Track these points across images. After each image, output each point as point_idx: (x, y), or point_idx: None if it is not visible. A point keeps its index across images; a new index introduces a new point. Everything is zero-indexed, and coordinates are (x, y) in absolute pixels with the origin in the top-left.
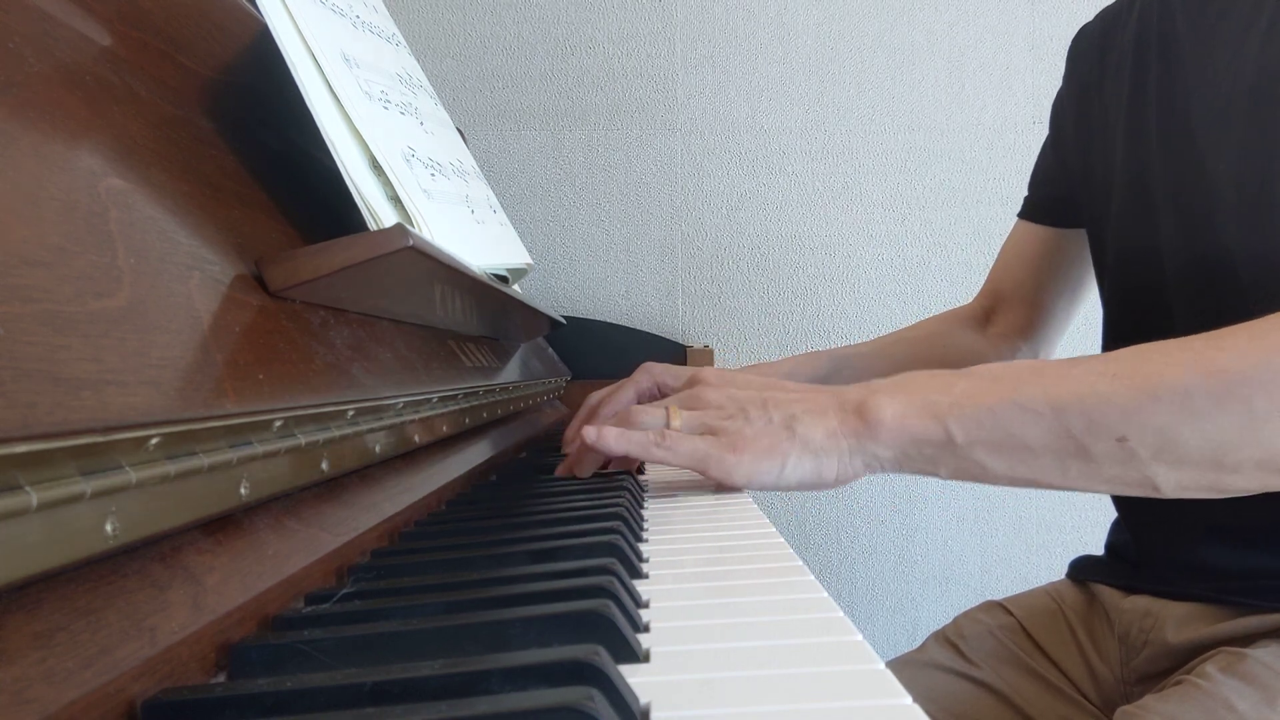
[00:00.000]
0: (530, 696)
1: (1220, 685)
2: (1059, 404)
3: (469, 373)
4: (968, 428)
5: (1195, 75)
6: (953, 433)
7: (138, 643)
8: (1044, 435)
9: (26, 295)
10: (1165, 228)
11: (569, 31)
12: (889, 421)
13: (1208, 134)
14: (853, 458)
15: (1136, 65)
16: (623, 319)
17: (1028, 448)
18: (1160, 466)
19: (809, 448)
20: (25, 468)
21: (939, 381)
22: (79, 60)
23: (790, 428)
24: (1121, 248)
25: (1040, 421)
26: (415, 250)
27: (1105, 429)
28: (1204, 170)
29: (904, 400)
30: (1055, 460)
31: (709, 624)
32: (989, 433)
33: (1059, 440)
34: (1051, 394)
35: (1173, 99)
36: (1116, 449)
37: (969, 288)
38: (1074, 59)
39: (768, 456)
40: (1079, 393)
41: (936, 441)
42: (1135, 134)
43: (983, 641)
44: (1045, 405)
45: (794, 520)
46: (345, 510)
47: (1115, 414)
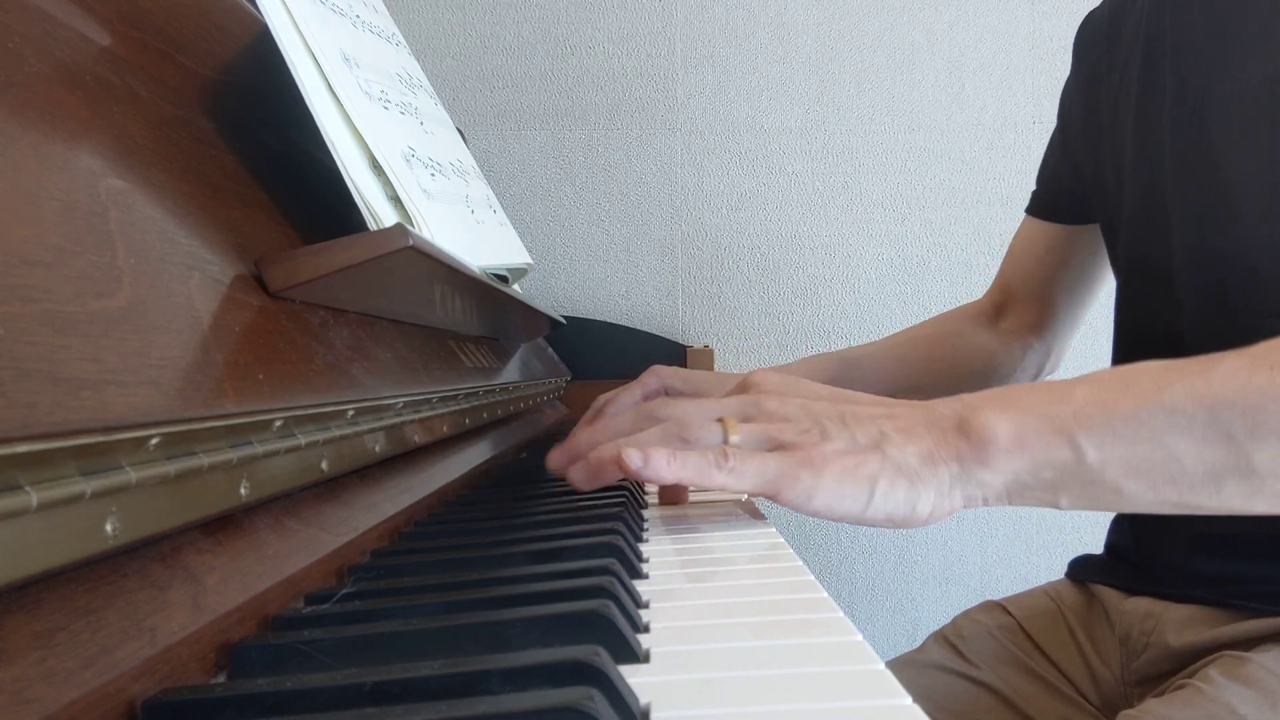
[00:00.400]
0: (530, 697)
1: (1223, 689)
2: (1215, 403)
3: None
4: (1102, 442)
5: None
6: (1084, 450)
7: (138, 643)
8: (1198, 444)
9: (26, 295)
10: (1177, 225)
11: (569, 31)
12: (1003, 441)
13: (1225, 130)
14: (953, 488)
15: (1147, 59)
16: (623, 319)
17: (1177, 462)
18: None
19: (903, 473)
20: (25, 468)
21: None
22: (79, 60)
23: (880, 448)
24: (1132, 246)
25: (1192, 427)
26: (415, 250)
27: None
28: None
29: (1018, 415)
30: (1209, 476)
31: (709, 624)
32: (1129, 447)
33: (1217, 449)
34: (1203, 394)
35: (1186, 95)
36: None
37: (969, 287)
38: (1080, 49)
39: (853, 481)
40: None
41: (1062, 463)
42: (1146, 130)
43: (982, 642)
44: (1198, 406)
45: (794, 520)
46: (345, 510)
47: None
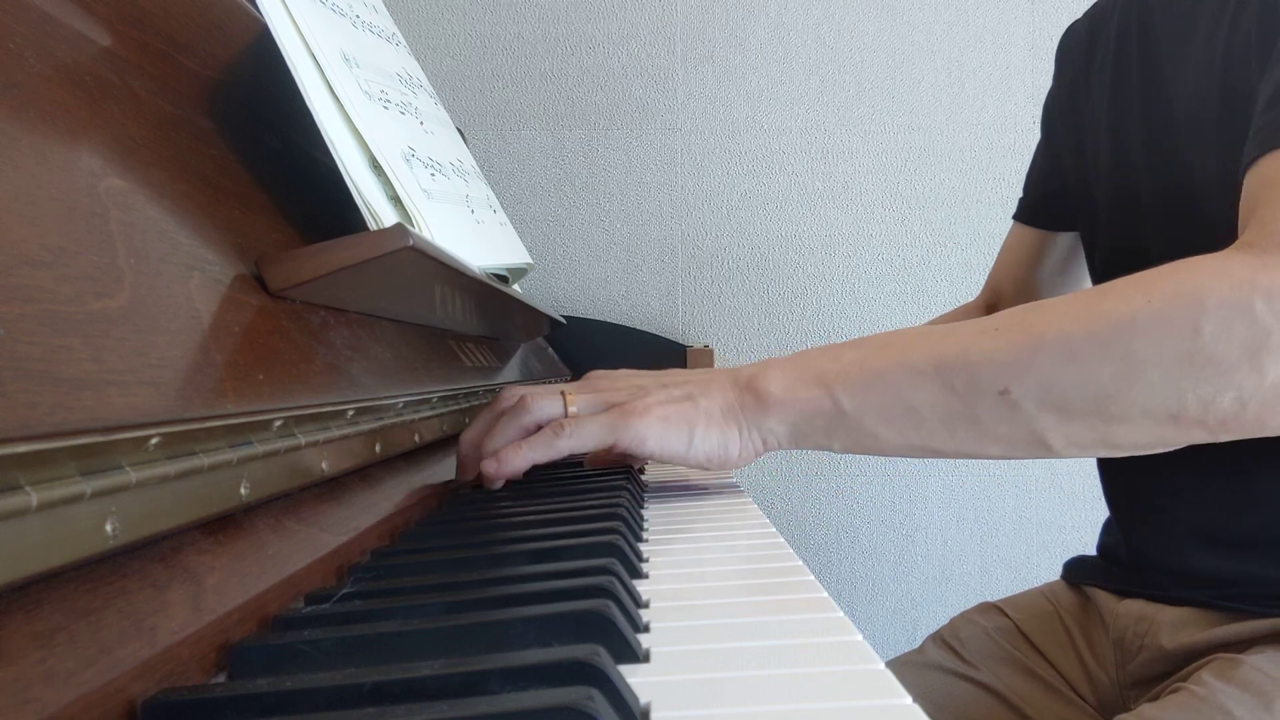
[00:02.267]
0: (530, 696)
1: (1217, 692)
2: (941, 362)
3: (469, 373)
4: (855, 394)
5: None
6: (841, 401)
7: (137, 643)
8: (929, 396)
9: (27, 295)
10: (1150, 225)
11: (569, 31)
12: (778, 394)
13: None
14: (750, 433)
15: (1118, 64)
16: (623, 319)
17: (915, 411)
18: (1047, 419)
19: (713, 420)
20: (25, 468)
21: (829, 352)
22: (79, 60)
23: (692, 399)
24: (1109, 249)
25: (924, 382)
26: (415, 250)
27: (987, 382)
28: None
29: (793, 372)
30: (943, 423)
31: (709, 624)
32: (877, 398)
33: (944, 400)
34: (935, 353)
35: (1154, 99)
36: (1000, 403)
37: (969, 287)
38: (1062, 58)
39: (675, 425)
40: (961, 348)
41: (826, 412)
42: (1119, 135)
43: (979, 643)
44: (928, 365)
45: (794, 520)
46: (345, 510)
47: (996, 367)
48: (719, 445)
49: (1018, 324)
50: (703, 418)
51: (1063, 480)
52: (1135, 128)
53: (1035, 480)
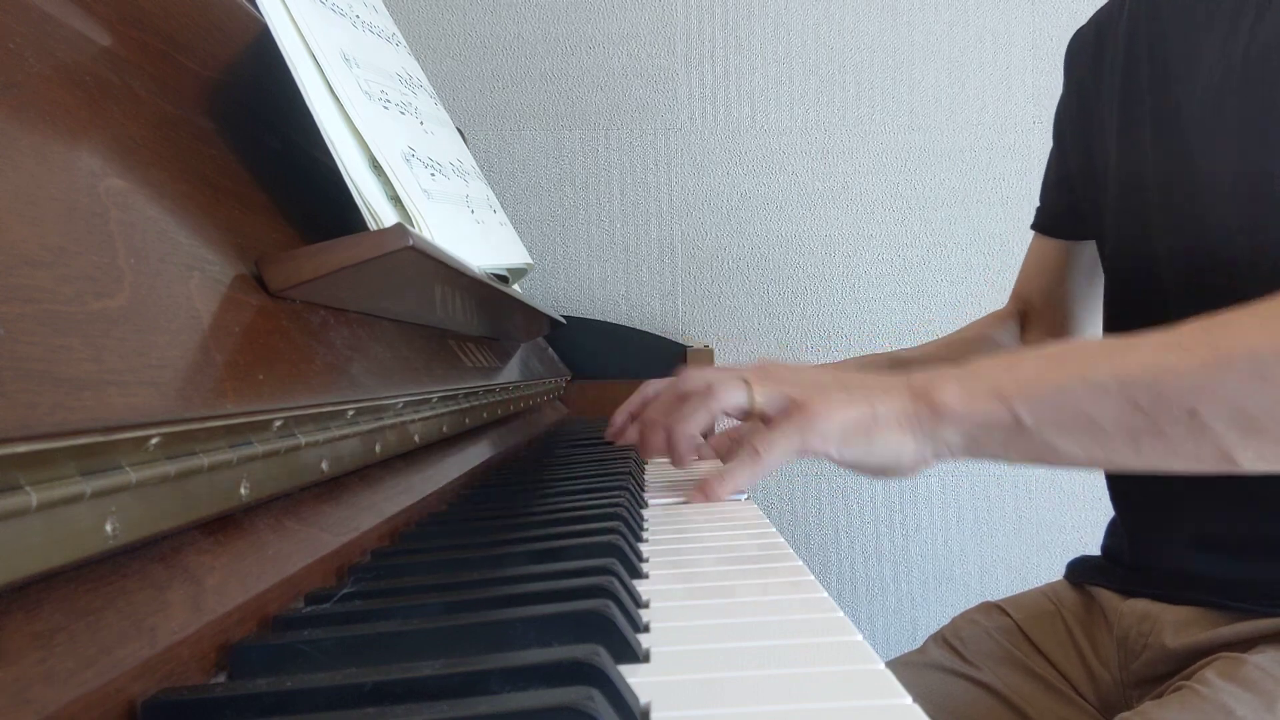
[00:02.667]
0: (530, 696)
1: (1219, 691)
2: (1126, 379)
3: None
4: (1035, 409)
5: (1184, 69)
6: (1020, 415)
7: (137, 643)
8: (1113, 413)
9: (27, 295)
10: (1158, 223)
11: (569, 31)
12: (955, 406)
13: (1198, 128)
14: (924, 442)
15: (1128, 64)
16: (623, 319)
17: (1098, 427)
18: (1235, 437)
19: (893, 426)
20: (25, 468)
21: (1004, 363)
22: (79, 60)
23: (871, 403)
24: (1117, 245)
25: (1108, 398)
26: (415, 250)
27: (1174, 402)
28: (1195, 164)
29: (970, 384)
30: (1128, 439)
31: (709, 624)
32: (1056, 413)
33: (1129, 417)
34: (1118, 369)
35: (1163, 95)
36: (1188, 423)
37: (969, 288)
38: (1070, 65)
39: (857, 428)
40: (1146, 366)
41: (1004, 425)
42: (1128, 132)
43: (981, 643)
44: (1112, 381)
45: (794, 520)
46: (345, 510)
47: (1184, 386)
48: (894, 453)
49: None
50: (882, 423)
51: (1063, 480)
52: (1145, 132)
53: (1036, 480)
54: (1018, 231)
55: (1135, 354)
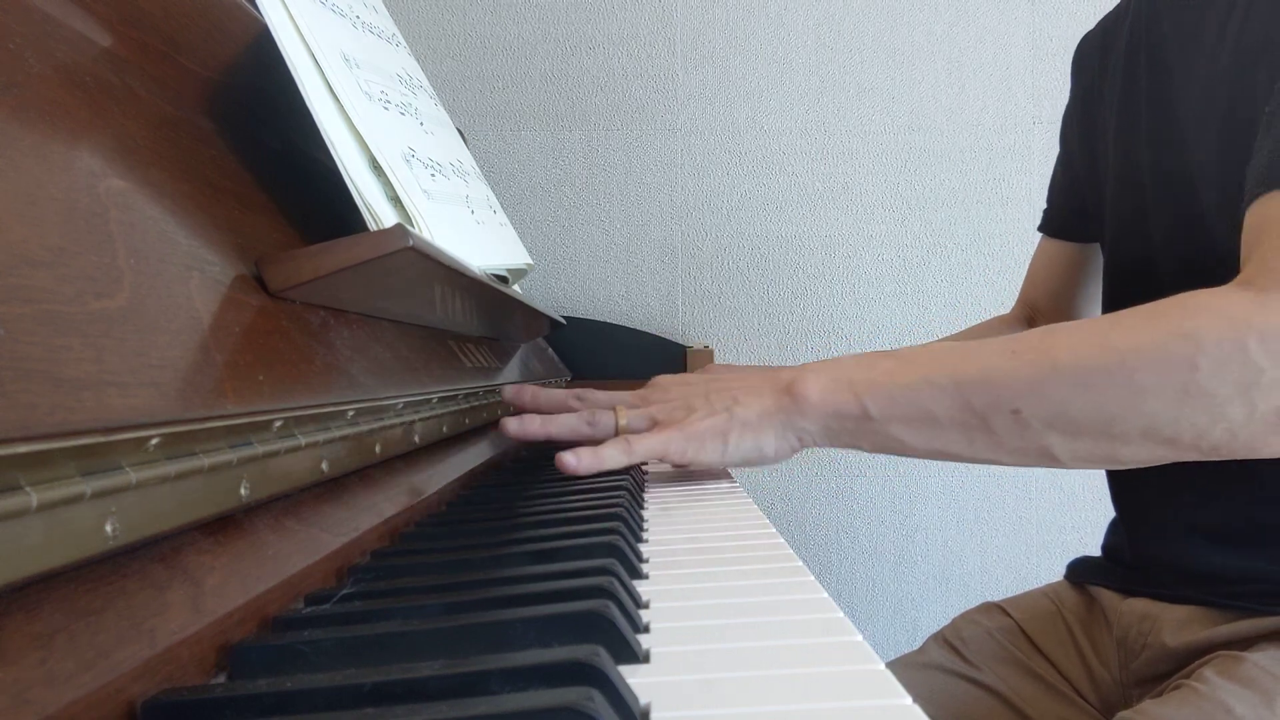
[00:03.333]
0: (530, 697)
1: (1218, 689)
2: (962, 380)
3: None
4: (881, 404)
5: (1179, 68)
6: (868, 408)
7: (137, 644)
8: (949, 409)
9: (27, 295)
10: (1157, 225)
11: (569, 32)
12: (813, 398)
13: (1192, 125)
14: (786, 432)
15: (1128, 67)
16: (623, 319)
17: (936, 421)
18: (1054, 436)
19: (748, 427)
20: (25, 468)
21: (864, 361)
22: (79, 60)
23: (729, 410)
24: (1115, 239)
25: (945, 396)
26: (415, 250)
27: (1002, 402)
28: (1190, 165)
29: (829, 378)
30: (961, 433)
31: (709, 624)
32: (901, 408)
33: (963, 414)
34: (957, 371)
35: (1160, 94)
36: (1012, 421)
37: (969, 288)
38: (1076, 70)
39: (711, 438)
40: (981, 368)
41: (855, 416)
42: (1127, 135)
43: (981, 643)
44: (949, 381)
45: (794, 520)
46: (345, 510)
47: (1011, 389)
48: (753, 448)
49: (1034, 348)
50: (737, 426)
51: (1063, 481)
52: (1142, 136)
53: (1036, 481)
54: (1017, 232)
55: (975, 358)
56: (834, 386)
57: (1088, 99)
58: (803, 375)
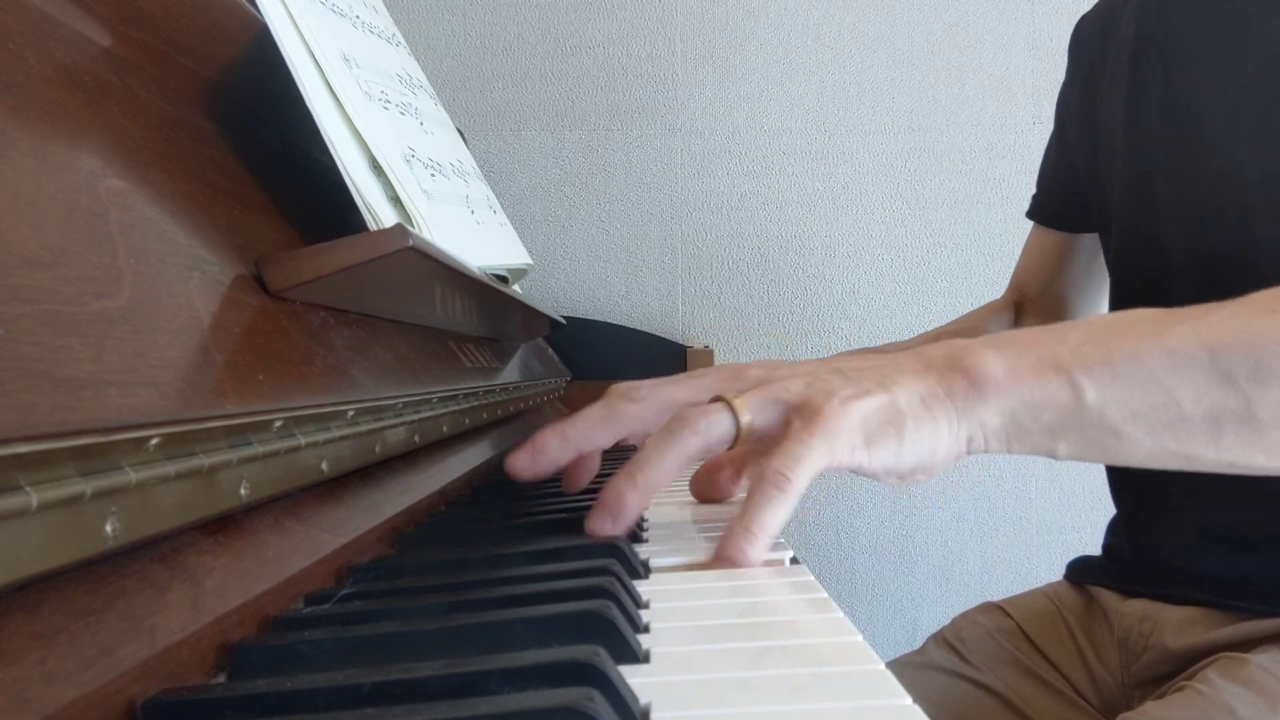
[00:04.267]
0: (530, 697)
1: (1221, 691)
2: (1216, 344)
3: (469, 373)
4: (1101, 381)
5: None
6: (1083, 389)
7: (137, 643)
8: (1199, 386)
9: (27, 295)
10: (1169, 224)
11: (569, 31)
12: (999, 376)
13: (1218, 124)
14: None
15: (1135, 60)
16: (623, 319)
17: (1177, 405)
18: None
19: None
20: (25, 468)
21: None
22: (79, 60)
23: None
24: (1123, 238)
25: (1194, 368)
26: (415, 251)
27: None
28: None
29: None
30: (1211, 424)
31: (709, 624)
32: (1129, 387)
33: (1219, 394)
34: (1204, 335)
35: (1173, 87)
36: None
37: (969, 288)
38: (1074, 51)
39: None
40: (1237, 329)
41: (1061, 403)
42: (1135, 124)
43: (981, 643)
44: (1198, 347)
45: (794, 520)
46: (345, 511)
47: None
48: (929, 446)
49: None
50: (908, 412)
51: (1063, 480)
52: (1153, 123)
53: (1036, 481)
54: (1018, 232)
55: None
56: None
57: (1087, 86)
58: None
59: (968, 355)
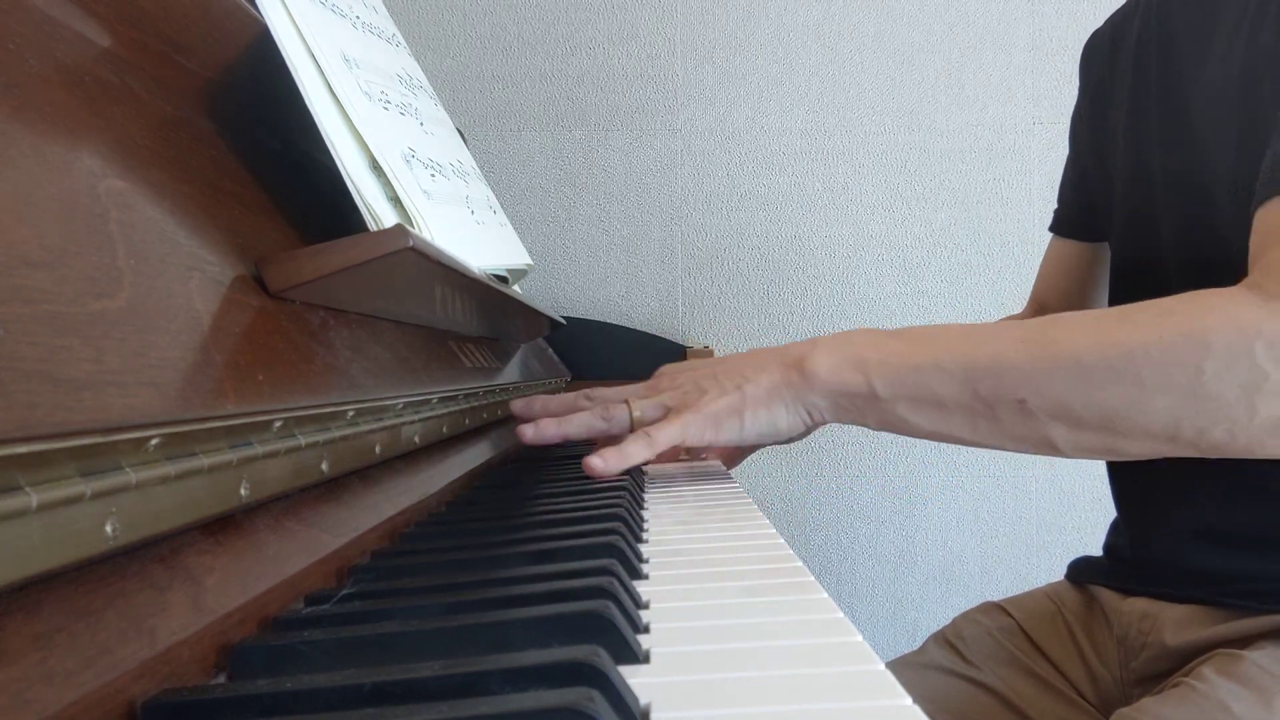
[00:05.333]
0: (530, 697)
1: (1216, 687)
2: (970, 366)
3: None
4: (890, 384)
5: (1192, 68)
6: (876, 388)
7: (137, 644)
8: (956, 394)
9: (27, 296)
10: (1165, 225)
11: (569, 31)
12: (822, 374)
13: (1206, 127)
14: (796, 407)
15: (1137, 65)
16: (623, 319)
17: (942, 404)
18: (1058, 428)
19: (760, 402)
20: (25, 468)
21: (874, 339)
22: (79, 61)
23: (740, 389)
24: (1122, 239)
25: (952, 381)
26: (415, 251)
27: (1008, 390)
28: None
29: (839, 355)
30: (966, 417)
31: (709, 624)
32: (909, 389)
33: (969, 399)
34: (967, 357)
35: (1171, 92)
36: (1017, 409)
37: (969, 288)
38: (1085, 69)
39: (727, 416)
40: (990, 355)
41: (862, 394)
42: (1137, 134)
43: (982, 643)
44: (958, 367)
45: (794, 520)
46: (345, 511)
47: (1017, 378)
48: (767, 423)
49: (1040, 339)
50: (750, 402)
51: (1063, 481)
52: (1153, 137)
53: (1035, 481)
54: (1018, 232)
55: (986, 344)
56: (843, 364)
57: (1097, 97)
58: (812, 351)
59: (807, 356)
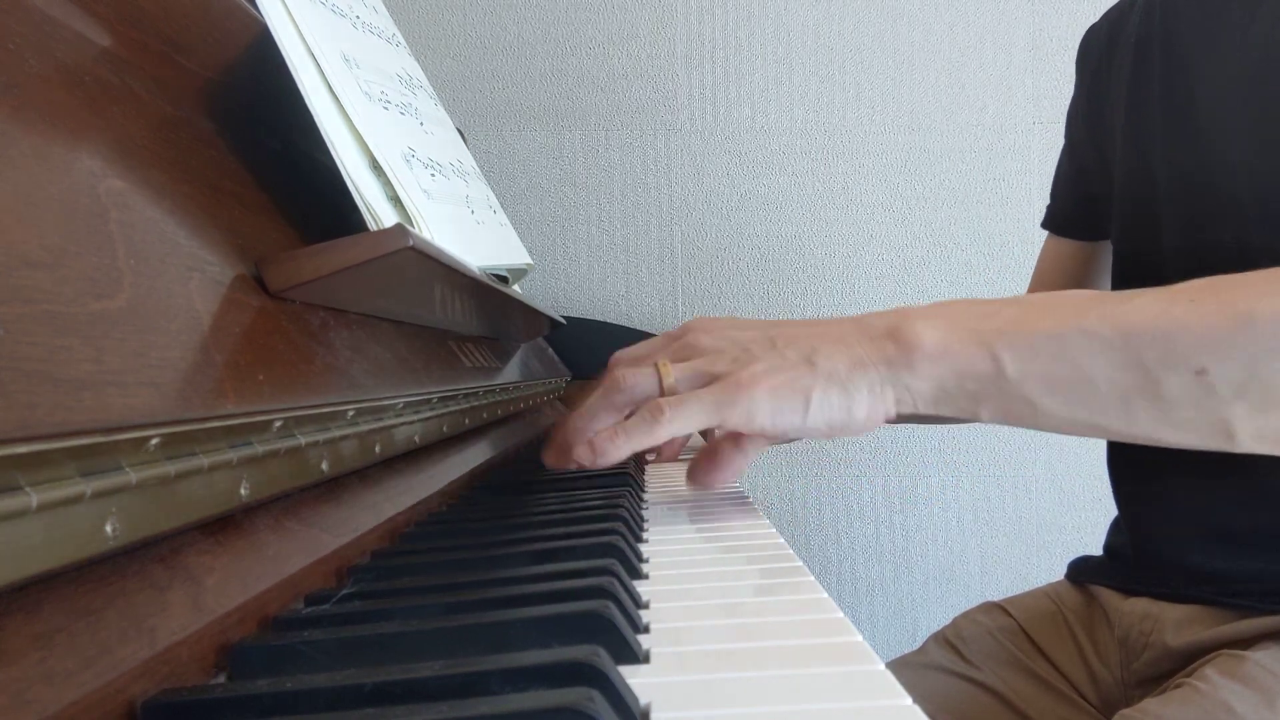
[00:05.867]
0: (530, 697)
1: (1219, 688)
2: (1130, 330)
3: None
4: (1021, 357)
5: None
6: (1003, 363)
7: (137, 643)
8: (1111, 367)
9: (27, 296)
10: (1167, 216)
11: (569, 31)
12: (930, 347)
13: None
14: (884, 391)
15: (1137, 62)
16: (623, 319)
17: (1090, 382)
18: (1241, 407)
19: (835, 380)
20: (25, 468)
21: (983, 308)
22: (79, 61)
23: (810, 361)
24: (1122, 236)
25: (1108, 350)
26: (415, 250)
27: (1183, 358)
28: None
29: (946, 325)
30: (1120, 399)
31: (709, 624)
32: (1046, 364)
33: (1128, 373)
34: (1120, 320)
35: (1174, 88)
36: (1194, 384)
37: (969, 288)
38: (1081, 62)
39: (789, 394)
40: (1153, 317)
41: (983, 374)
42: (1136, 131)
43: (982, 643)
44: (1113, 331)
45: (794, 520)
46: (345, 511)
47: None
48: (841, 409)
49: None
50: (822, 381)
51: (1063, 481)
52: (1156, 132)
53: (1035, 481)
54: (1018, 231)
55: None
56: (955, 335)
57: (1094, 93)
58: (907, 321)
59: (906, 326)
